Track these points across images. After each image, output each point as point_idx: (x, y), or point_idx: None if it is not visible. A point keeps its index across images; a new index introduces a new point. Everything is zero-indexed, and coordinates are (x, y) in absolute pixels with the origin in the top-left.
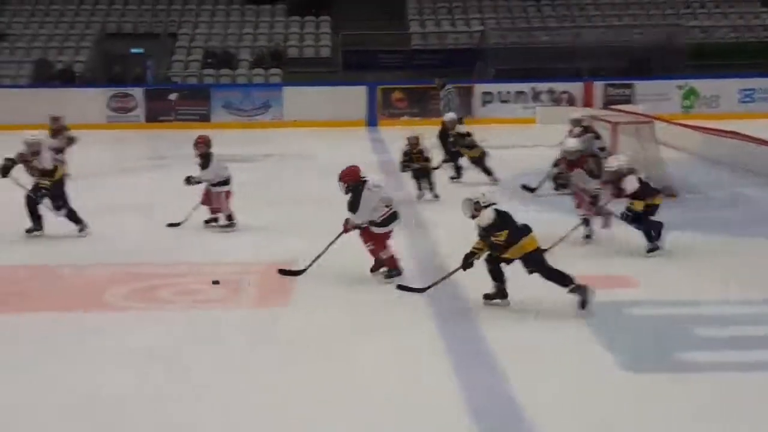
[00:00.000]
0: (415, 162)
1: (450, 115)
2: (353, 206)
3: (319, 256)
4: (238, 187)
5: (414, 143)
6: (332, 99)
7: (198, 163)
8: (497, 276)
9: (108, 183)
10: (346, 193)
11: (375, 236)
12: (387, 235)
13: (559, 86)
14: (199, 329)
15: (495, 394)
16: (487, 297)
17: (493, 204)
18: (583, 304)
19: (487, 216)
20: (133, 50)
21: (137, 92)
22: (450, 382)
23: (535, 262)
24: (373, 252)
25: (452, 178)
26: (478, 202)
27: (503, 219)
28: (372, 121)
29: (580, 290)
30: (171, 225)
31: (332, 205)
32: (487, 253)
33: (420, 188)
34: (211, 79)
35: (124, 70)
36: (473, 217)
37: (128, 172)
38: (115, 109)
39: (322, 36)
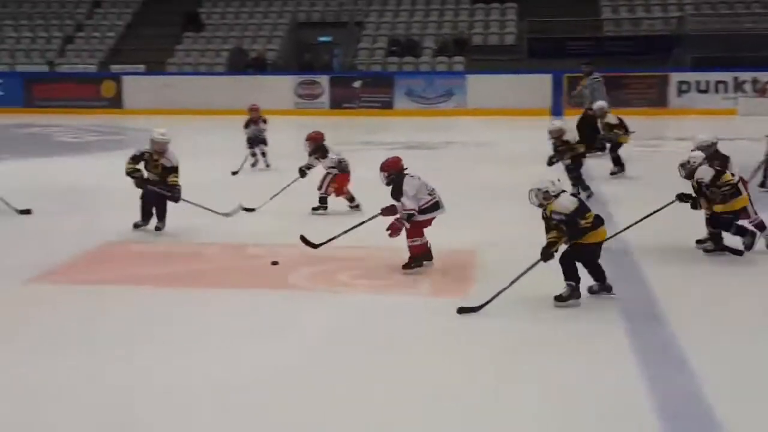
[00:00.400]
0: (563, 155)
1: (601, 103)
2: (398, 193)
3: (337, 237)
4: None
5: (558, 135)
6: (516, 87)
7: (315, 156)
8: (573, 275)
9: (293, 167)
10: (388, 184)
11: (414, 224)
12: (426, 223)
13: (764, 76)
14: (369, 314)
15: (686, 396)
16: (560, 299)
17: (563, 191)
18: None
19: (570, 201)
20: (322, 38)
21: (323, 79)
22: (637, 382)
23: (581, 251)
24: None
25: (613, 173)
26: (547, 191)
27: (582, 203)
28: (557, 110)
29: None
30: (246, 210)
31: (510, 194)
32: (564, 250)
33: (575, 185)
34: (395, 66)
35: (313, 57)
36: (541, 205)
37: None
38: (302, 96)
39: (507, 23)
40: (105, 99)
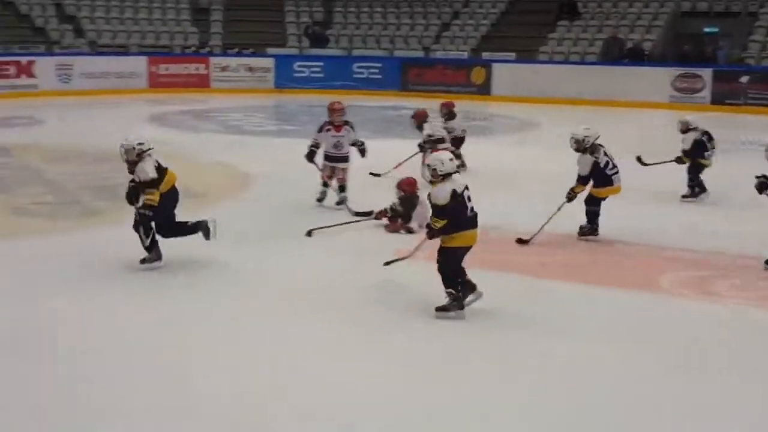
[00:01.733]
0: None
1: None
2: (407, 214)
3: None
4: None
5: None
6: None
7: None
8: (453, 283)
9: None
10: (400, 203)
11: None
12: None
13: None
14: (738, 328)
15: None
16: (441, 309)
17: (450, 174)
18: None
19: (442, 196)
20: (707, 29)
21: (706, 73)
22: None
23: (447, 256)
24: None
25: None
26: (435, 170)
27: (454, 205)
28: None
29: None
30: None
31: None
32: (438, 258)
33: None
34: None
35: (694, 49)
36: (431, 182)
37: None
38: (680, 89)
39: None
40: (474, 85)
